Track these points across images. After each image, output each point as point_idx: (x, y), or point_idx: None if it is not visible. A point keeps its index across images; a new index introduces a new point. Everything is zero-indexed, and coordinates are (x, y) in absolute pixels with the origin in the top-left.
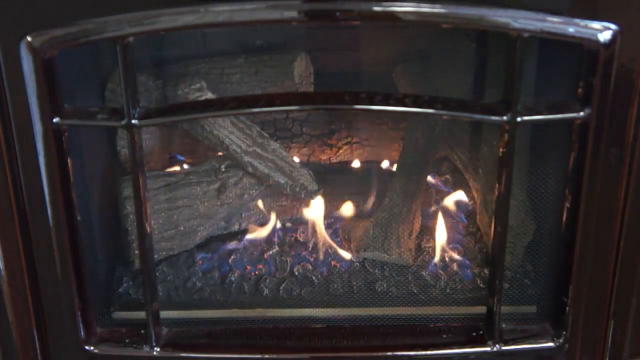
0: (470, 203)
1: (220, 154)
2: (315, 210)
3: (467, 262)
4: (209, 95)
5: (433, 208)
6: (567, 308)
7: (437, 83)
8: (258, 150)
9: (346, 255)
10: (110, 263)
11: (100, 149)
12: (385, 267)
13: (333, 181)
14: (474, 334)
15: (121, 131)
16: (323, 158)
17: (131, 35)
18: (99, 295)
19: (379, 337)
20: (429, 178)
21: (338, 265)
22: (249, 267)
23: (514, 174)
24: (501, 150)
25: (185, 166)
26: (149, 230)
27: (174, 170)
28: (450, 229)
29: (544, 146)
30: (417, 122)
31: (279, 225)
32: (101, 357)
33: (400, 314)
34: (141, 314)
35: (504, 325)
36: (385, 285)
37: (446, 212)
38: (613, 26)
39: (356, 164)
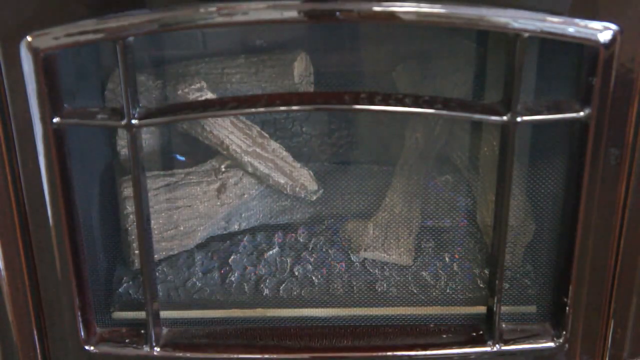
0: (470, 203)
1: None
2: (315, 210)
3: (467, 262)
4: (209, 95)
5: (433, 208)
6: (567, 308)
7: (437, 83)
8: (258, 150)
9: (346, 255)
10: (110, 263)
11: (100, 149)
12: (385, 267)
13: (333, 181)
14: (474, 334)
15: (121, 131)
16: (323, 158)
17: (131, 35)
18: (99, 295)
19: (379, 337)
20: (429, 178)
21: (338, 265)
22: (248, 267)
23: (514, 174)
24: (501, 150)
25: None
26: (149, 230)
27: (174, 171)
28: (450, 229)
29: (544, 146)
30: (418, 122)
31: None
32: (101, 357)
33: (400, 314)
34: (141, 314)
35: (504, 325)
36: (385, 285)
37: (446, 212)
38: (613, 26)
39: (356, 163)
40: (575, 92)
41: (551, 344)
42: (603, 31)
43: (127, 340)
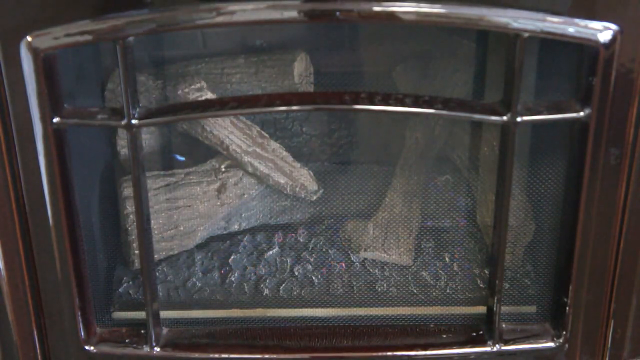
0: (470, 203)
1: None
2: (315, 210)
3: (467, 262)
4: (209, 95)
5: (433, 208)
6: (567, 308)
7: (437, 83)
8: (258, 150)
9: (346, 255)
10: (110, 263)
11: (100, 149)
12: (385, 267)
13: (333, 181)
14: (474, 334)
15: (121, 131)
16: (323, 158)
17: (131, 35)
18: (99, 295)
19: (379, 337)
20: (429, 178)
21: (338, 265)
22: (248, 268)
23: (514, 174)
24: (501, 150)
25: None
26: (149, 230)
27: (174, 171)
28: (450, 229)
29: (544, 146)
30: (418, 122)
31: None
32: (101, 357)
33: (400, 314)
34: (141, 314)
35: (504, 325)
36: (385, 285)
37: (446, 212)
38: (613, 26)
39: (356, 163)
40: (575, 92)
41: (551, 344)
42: (603, 31)
43: (127, 340)
